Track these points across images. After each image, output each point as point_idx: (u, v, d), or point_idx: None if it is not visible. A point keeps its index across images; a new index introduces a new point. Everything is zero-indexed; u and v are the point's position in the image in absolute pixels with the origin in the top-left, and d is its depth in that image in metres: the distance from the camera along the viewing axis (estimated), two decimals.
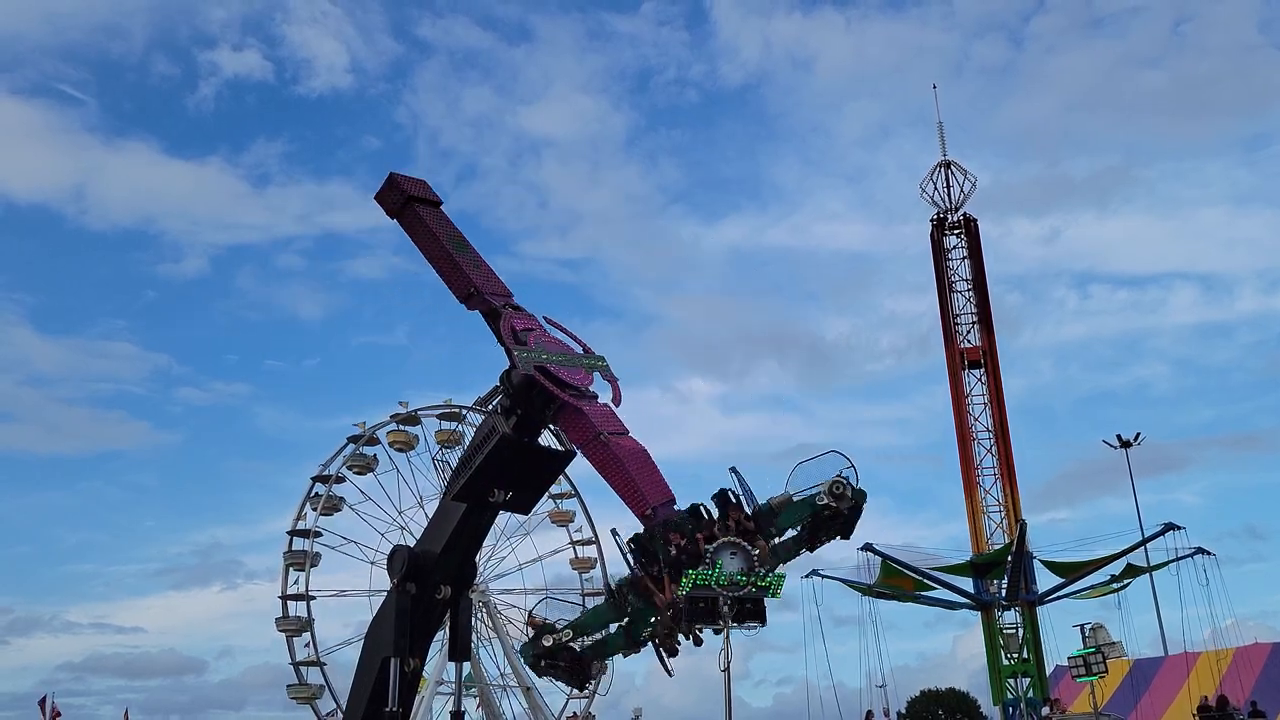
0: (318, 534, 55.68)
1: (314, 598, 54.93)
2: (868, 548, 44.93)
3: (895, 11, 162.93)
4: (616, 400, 19.69)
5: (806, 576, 44.68)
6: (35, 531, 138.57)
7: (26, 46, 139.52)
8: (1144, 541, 44.36)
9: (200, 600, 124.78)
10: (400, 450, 57.83)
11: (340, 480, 56.67)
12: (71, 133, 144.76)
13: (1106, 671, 42.01)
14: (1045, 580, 45.71)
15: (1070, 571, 44.80)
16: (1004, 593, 45.37)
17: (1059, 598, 45.72)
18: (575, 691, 60.38)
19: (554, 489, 60.74)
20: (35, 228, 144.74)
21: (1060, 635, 45.87)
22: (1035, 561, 45.24)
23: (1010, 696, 45.36)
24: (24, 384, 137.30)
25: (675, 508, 17.70)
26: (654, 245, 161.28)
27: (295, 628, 54.37)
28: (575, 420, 18.76)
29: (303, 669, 54.20)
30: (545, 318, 20.52)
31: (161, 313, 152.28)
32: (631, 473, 17.94)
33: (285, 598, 54.87)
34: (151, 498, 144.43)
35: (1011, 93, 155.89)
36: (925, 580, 46.38)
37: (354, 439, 57.24)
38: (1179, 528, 42.31)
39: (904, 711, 70.96)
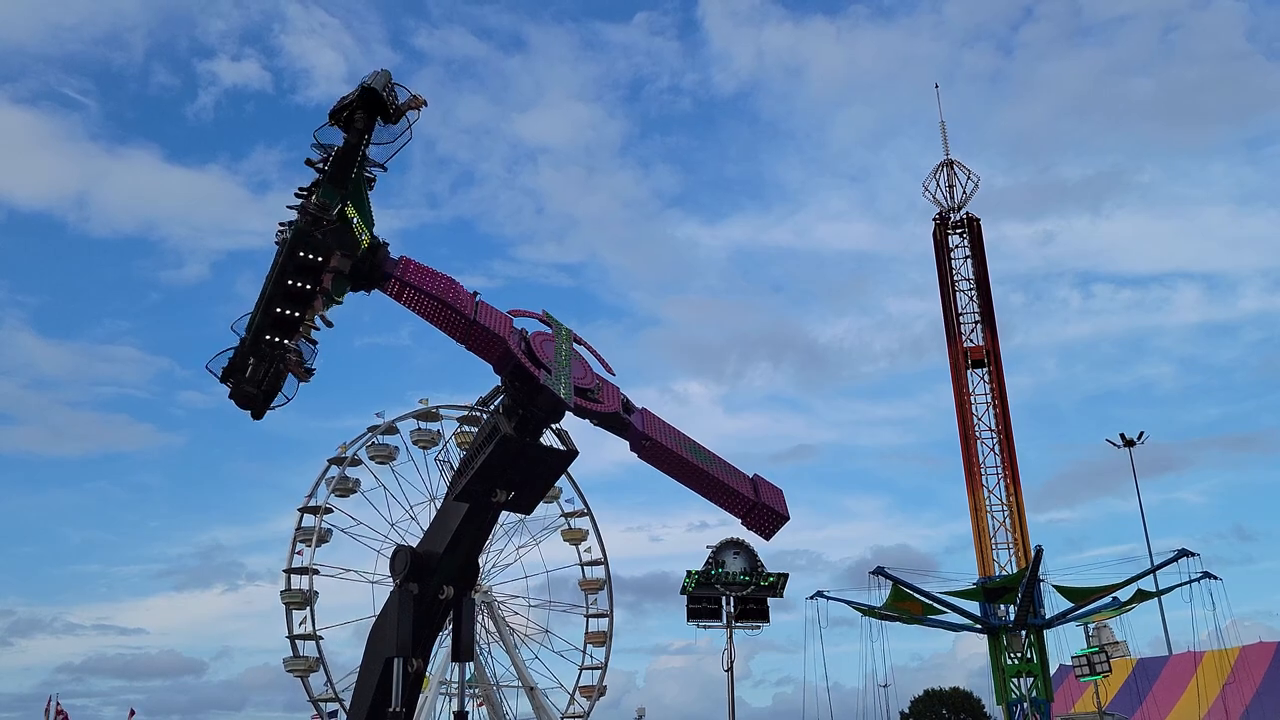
0: (328, 510, 55.87)
1: (317, 572, 55.08)
2: (879, 571, 44.42)
3: (885, 20, 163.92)
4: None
5: (811, 598, 44.49)
6: (40, 532, 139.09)
7: (30, 57, 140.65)
8: (1155, 569, 44.32)
9: (202, 602, 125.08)
10: (423, 448, 58.01)
11: (356, 463, 56.86)
12: (75, 140, 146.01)
13: (1110, 671, 41.95)
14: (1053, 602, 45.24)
15: (1081, 597, 44.27)
16: (1013, 617, 44.78)
17: (1067, 622, 45.39)
18: (579, 691, 60.72)
19: (567, 507, 61.18)
20: (38, 234, 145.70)
21: (1064, 634, 45.72)
22: (1046, 585, 44.55)
23: (1014, 697, 45.20)
24: (29, 387, 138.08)
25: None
26: (650, 248, 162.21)
27: (298, 600, 54.44)
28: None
29: (299, 643, 54.36)
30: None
31: (163, 317, 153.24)
32: None
33: (290, 571, 55.10)
34: (155, 499, 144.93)
35: (1002, 99, 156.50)
36: (934, 604, 45.97)
37: (373, 428, 57.61)
38: (1192, 554, 42.17)
39: (907, 711, 70.86)
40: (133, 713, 53.67)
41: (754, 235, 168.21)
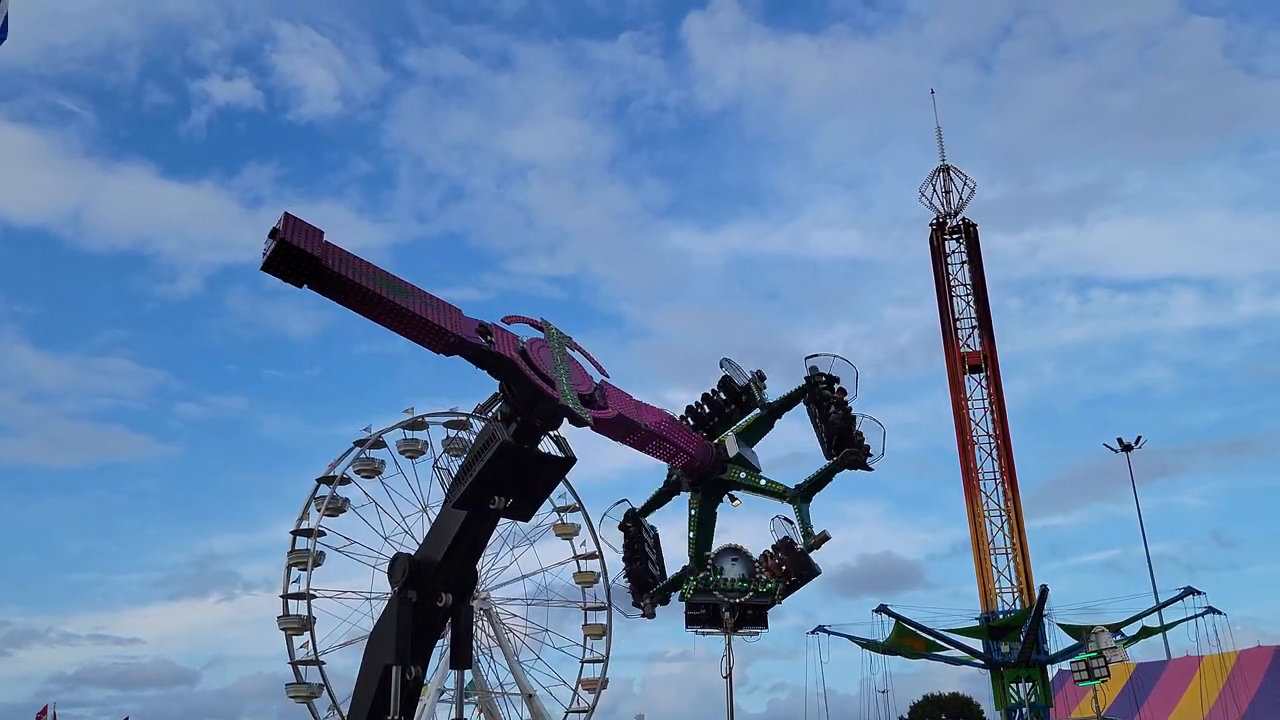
0: (321, 533, 55.14)
1: (314, 596, 54.61)
2: (882, 609, 44.56)
3: (866, 38, 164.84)
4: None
5: (812, 633, 44.52)
6: (37, 541, 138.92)
7: (26, 77, 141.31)
8: (1160, 606, 44.62)
9: (198, 611, 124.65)
10: (410, 457, 57.78)
11: (345, 482, 56.60)
12: (70, 157, 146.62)
13: (1109, 676, 41.93)
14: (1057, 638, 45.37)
15: (1086, 634, 44.27)
16: (1016, 655, 44.79)
17: (1071, 658, 45.29)
18: (582, 686, 60.52)
19: (558, 502, 60.88)
20: (34, 249, 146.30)
21: (1063, 639, 45.64)
22: (1050, 621, 44.85)
23: (1013, 702, 45.17)
24: (26, 399, 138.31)
25: None
26: (641, 260, 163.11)
27: (296, 626, 54.06)
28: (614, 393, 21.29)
29: (301, 668, 53.83)
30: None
31: (158, 331, 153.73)
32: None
33: (286, 596, 54.46)
34: (152, 507, 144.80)
35: (985, 114, 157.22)
36: (937, 641, 45.97)
37: (359, 443, 57.18)
38: (1199, 592, 42.75)
39: (906, 717, 70.75)
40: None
41: (750, 242, 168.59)
